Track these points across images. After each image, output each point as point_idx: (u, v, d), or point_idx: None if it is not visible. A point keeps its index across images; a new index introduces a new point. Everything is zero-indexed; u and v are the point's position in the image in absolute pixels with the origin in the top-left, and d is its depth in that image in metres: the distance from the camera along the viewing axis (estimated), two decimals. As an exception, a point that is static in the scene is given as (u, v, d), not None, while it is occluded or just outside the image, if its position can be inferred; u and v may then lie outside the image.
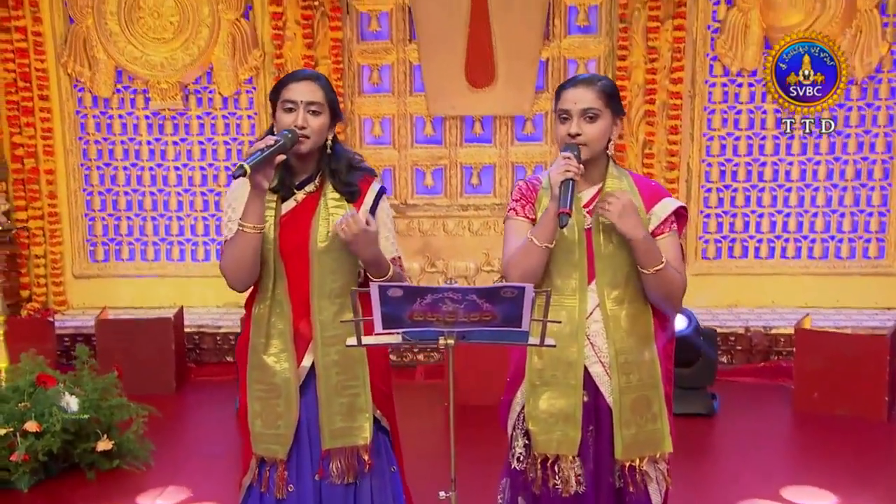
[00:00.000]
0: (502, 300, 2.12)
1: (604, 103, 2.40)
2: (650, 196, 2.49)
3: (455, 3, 6.06)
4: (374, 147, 6.43)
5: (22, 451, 3.85)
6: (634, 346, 2.46)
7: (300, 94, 2.45)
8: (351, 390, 2.59)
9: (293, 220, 2.54)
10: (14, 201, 6.27)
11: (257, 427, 2.60)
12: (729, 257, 6.33)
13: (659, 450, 2.47)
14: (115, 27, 6.21)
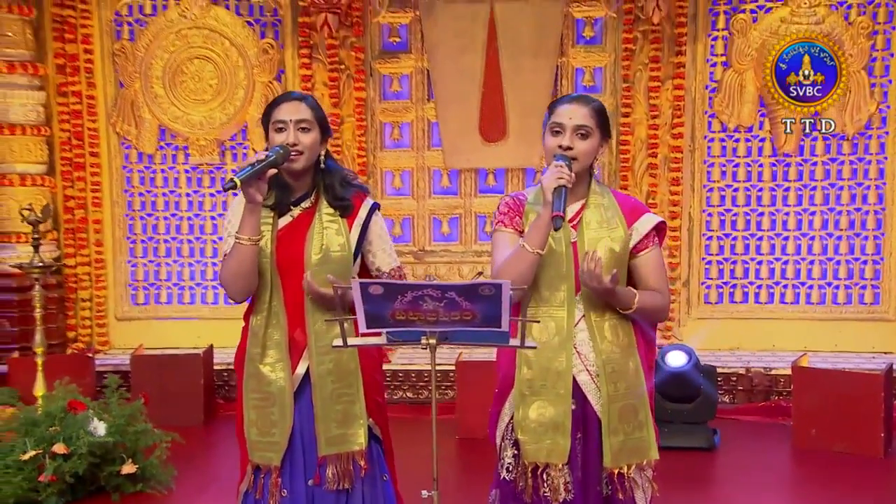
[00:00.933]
0: (481, 298, 2.07)
1: (595, 123, 2.38)
2: (630, 212, 2.46)
3: (469, 66, 6.13)
4: (395, 198, 6.44)
5: (49, 472, 3.83)
6: (619, 356, 2.41)
7: (289, 114, 2.45)
8: (346, 398, 2.54)
9: (289, 235, 2.51)
10: (64, 248, 6.37)
11: (253, 435, 2.56)
12: (730, 302, 6.21)
13: (646, 457, 2.43)
14: (159, 90, 6.35)
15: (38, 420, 4.01)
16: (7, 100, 6.00)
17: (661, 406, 4.88)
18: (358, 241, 2.59)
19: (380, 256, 2.65)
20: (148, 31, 6.32)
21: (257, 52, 6.29)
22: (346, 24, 6.11)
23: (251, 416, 2.57)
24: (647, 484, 2.48)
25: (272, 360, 2.53)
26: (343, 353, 2.51)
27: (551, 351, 2.38)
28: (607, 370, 2.39)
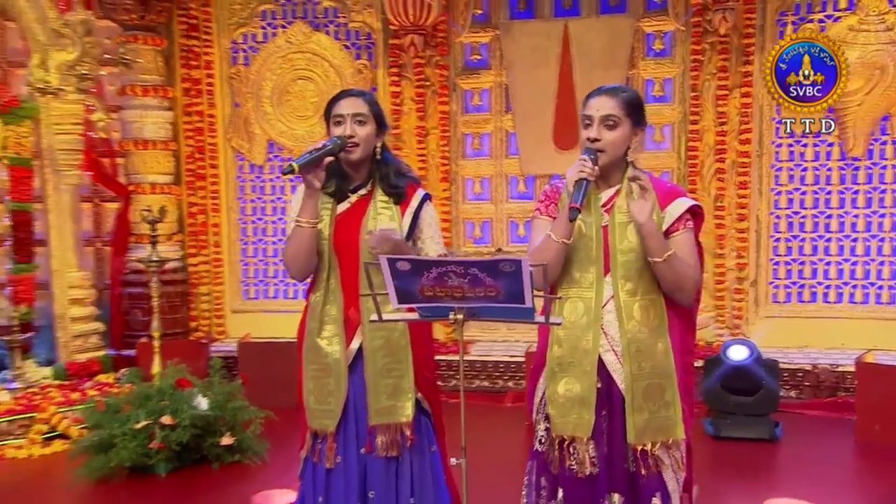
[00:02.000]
0: (502, 274, 2.02)
1: (624, 112, 2.29)
2: (665, 195, 2.36)
3: (544, 80, 6.12)
4: (475, 202, 6.47)
5: (158, 440, 4.04)
6: (647, 336, 2.32)
7: (347, 108, 2.48)
8: (395, 373, 2.53)
9: (346, 220, 2.52)
10: (187, 249, 6.72)
11: (311, 403, 2.57)
12: (798, 301, 5.94)
13: (671, 436, 2.32)
14: (268, 108, 6.59)
15: (151, 395, 4.23)
16: (142, 119, 6.34)
17: (724, 398, 4.79)
18: (410, 227, 2.56)
19: (427, 243, 2.61)
20: (259, 56, 6.58)
21: (353, 72, 6.44)
22: (431, 45, 6.21)
23: (309, 386, 2.58)
24: (676, 465, 2.36)
25: (329, 335, 2.53)
26: (394, 331, 2.49)
27: (580, 330, 2.33)
28: (631, 349, 2.30)
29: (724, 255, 5.96)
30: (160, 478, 4.16)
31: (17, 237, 5.36)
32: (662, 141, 6.15)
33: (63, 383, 5.24)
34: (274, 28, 6.56)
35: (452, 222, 6.43)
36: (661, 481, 2.33)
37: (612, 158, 2.29)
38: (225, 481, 4.19)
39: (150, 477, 4.16)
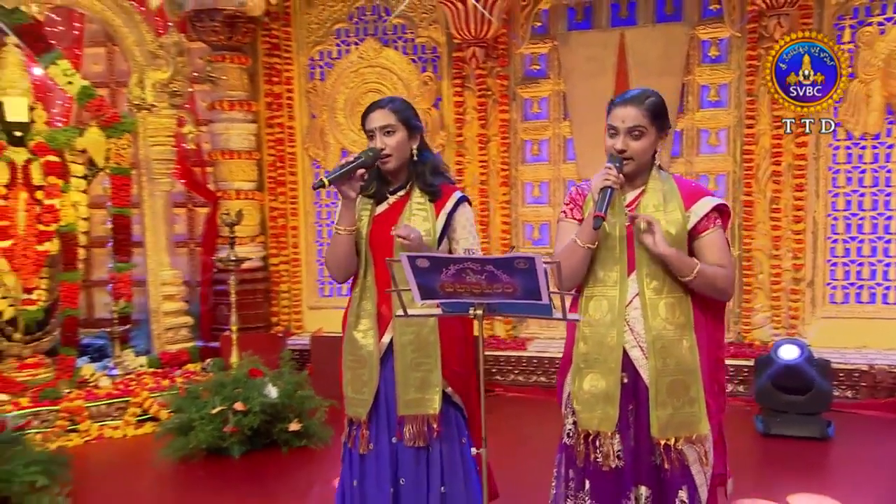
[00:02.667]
0: (517, 272, 1.99)
1: (649, 121, 2.25)
2: (689, 195, 2.31)
3: (601, 88, 6.01)
4: (534, 206, 6.45)
5: (231, 424, 4.22)
6: (672, 333, 2.26)
7: (375, 122, 2.47)
8: (424, 367, 2.52)
9: (384, 220, 2.53)
10: (269, 249, 6.98)
11: (349, 392, 2.61)
12: (856, 302, 5.68)
13: (695, 431, 2.26)
14: (342, 119, 6.76)
15: (226, 383, 4.42)
16: (228, 131, 6.58)
17: (775, 396, 4.68)
18: (443, 228, 2.53)
19: (462, 244, 2.58)
20: (333, 71, 6.76)
21: (419, 84, 6.54)
22: (492, 57, 6.26)
23: (347, 376, 2.61)
24: (702, 459, 2.30)
25: (364, 328, 2.56)
26: (423, 327, 2.49)
27: (604, 327, 2.29)
28: (656, 346, 2.25)
29: (780, 256, 5.78)
30: (234, 459, 4.32)
31: (117, 239, 5.69)
32: (718, 145, 6.01)
33: (156, 371, 5.52)
34: (347, 45, 6.73)
35: (512, 225, 6.44)
36: (688, 475, 2.28)
37: (639, 165, 2.28)
38: (293, 464, 4.34)
39: (225, 458, 4.33)
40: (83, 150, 5.46)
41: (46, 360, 5.23)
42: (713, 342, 2.36)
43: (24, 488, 3.46)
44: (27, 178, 5.18)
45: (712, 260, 2.26)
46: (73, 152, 5.41)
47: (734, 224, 5.92)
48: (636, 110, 2.24)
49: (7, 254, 5.08)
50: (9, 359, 5.14)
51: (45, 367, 5.17)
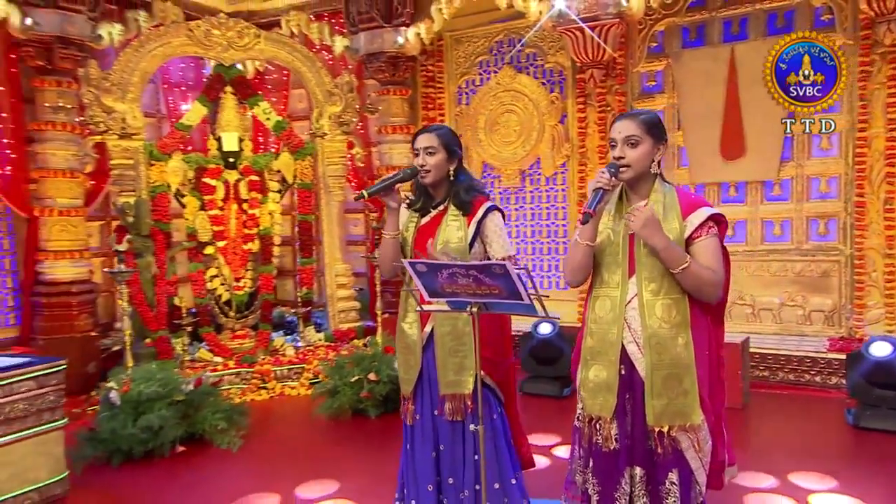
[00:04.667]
0: (497, 276, 2.04)
1: (644, 132, 2.24)
2: (688, 206, 2.27)
3: (712, 99, 5.96)
4: None
5: (365, 390, 4.64)
6: (668, 332, 2.22)
7: (421, 143, 2.60)
8: (461, 353, 2.59)
9: (426, 229, 2.65)
10: (425, 247, 7.51)
11: (401, 373, 2.74)
12: (976, 300, 5.18)
13: (688, 420, 2.22)
14: (483, 136, 7.14)
15: (366, 357, 4.83)
16: (391, 150, 7.16)
17: (868, 391, 4.43)
18: (473, 234, 2.59)
19: (494, 247, 2.62)
20: (476, 97, 7.15)
21: (546, 104, 6.75)
22: (611, 76, 6.34)
23: (399, 360, 2.75)
24: (696, 445, 2.25)
25: (410, 321, 2.66)
26: (459, 320, 2.53)
27: (606, 324, 2.29)
28: (652, 342, 2.22)
29: (894, 255, 5.36)
30: (371, 419, 4.67)
31: (302, 239, 6.50)
32: (830, 148, 5.67)
33: (330, 344, 6.19)
34: (488, 74, 7.10)
35: None
36: (680, 459, 2.25)
37: (638, 173, 2.25)
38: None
39: (365, 418, 4.69)
40: (278, 170, 6.31)
41: (251, 333, 6.13)
42: (712, 340, 2.32)
43: (212, 429, 4.21)
44: (237, 194, 6.11)
45: (704, 262, 2.22)
46: (270, 172, 6.28)
47: (846, 224, 5.60)
48: (631, 123, 2.26)
49: (223, 251, 6.04)
50: (225, 331, 6.10)
51: (249, 338, 6.06)
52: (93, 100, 5.65)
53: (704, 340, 2.28)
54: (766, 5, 5.77)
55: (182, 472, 3.96)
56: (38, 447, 3.39)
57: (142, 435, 3.93)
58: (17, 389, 3.31)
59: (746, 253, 6.00)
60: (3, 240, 6.29)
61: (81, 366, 5.76)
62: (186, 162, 5.97)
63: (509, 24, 6.80)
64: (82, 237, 6.19)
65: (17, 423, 3.32)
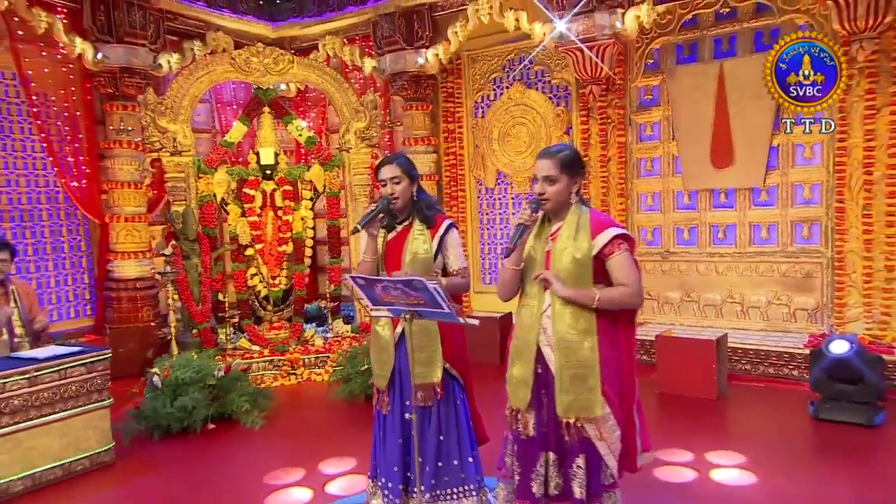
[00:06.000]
0: (418, 290, 2.18)
1: (560, 171, 2.36)
2: (596, 227, 2.39)
3: (702, 111, 6.01)
4: (647, 213, 6.48)
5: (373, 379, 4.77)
6: (575, 336, 2.35)
7: (386, 174, 2.74)
8: (428, 349, 2.73)
9: (393, 244, 2.80)
10: (446, 247, 7.77)
11: (375, 369, 2.88)
12: (952, 302, 5.11)
13: (591, 413, 2.36)
14: (496, 147, 7.31)
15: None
16: (414, 160, 7.28)
17: (828, 385, 4.48)
18: (437, 248, 2.75)
19: (451, 259, 2.77)
20: (490, 110, 7.33)
21: (553, 117, 6.88)
22: (611, 90, 6.44)
23: (373, 358, 2.89)
24: (599, 434, 2.37)
25: (382, 323, 2.78)
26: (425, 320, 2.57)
27: (526, 329, 2.44)
28: (561, 346, 2.36)
29: (873, 257, 5.33)
30: None
31: (331, 241, 6.84)
32: (813, 157, 5.66)
33: (356, 335, 6.48)
34: (500, 89, 7.27)
35: (629, 228, 6.42)
36: (587, 446, 2.38)
37: (557, 204, 2.40)
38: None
39: None
40: (309, 181, 6.67)
41: (285, 325, 6.52)
42: (623, 344, 2.43)
43: (239, 410, 4.58)
44: (272, 202, 6.50)
45: (618, 277, 2.35)
46: (302, 182, 6.64)
47: (827, 228, 5.59)
48: (549, 162, 2.38)
49: (261, 253, 6.44)
50: (263, 323, 6.52)
51: (284, 329, 6.44)
52: (149, 122, 6.12)
53: (613, 344, 2.40)
54: (752, 24, 5.78)
55: (212, 447, 4.32)
56: (88, 422, 3.84)
57: (178, 413, 4.33)
58: (71, 374, 3.77)
59: (736, 255, 6.05)
60: (81, 242, 6.88)
61: (142, 352, 6.29)
62: (230, 174, 6.39)
63: (519, 45, 6.95)
64: (145, 240, 6.71)
65: (71, 402, 3.78)
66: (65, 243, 6.75)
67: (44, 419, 3.67)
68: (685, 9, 5.98)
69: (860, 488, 3.49)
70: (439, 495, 2.81)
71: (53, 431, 3.71)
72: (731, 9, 5.84)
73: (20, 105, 6.36)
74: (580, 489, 2.39)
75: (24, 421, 3.61)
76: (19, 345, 4.09)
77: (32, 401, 3.64)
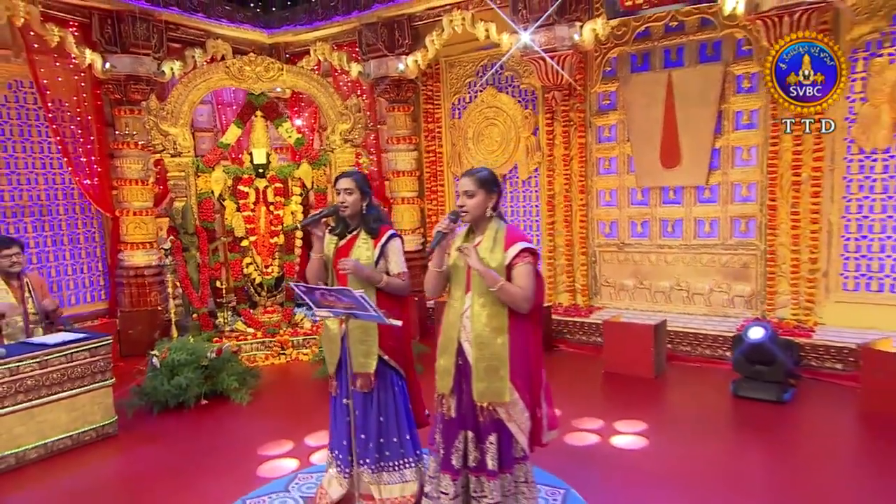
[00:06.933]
0: (347, 296, 2.42)
1: (477, 187, 2.56)
2: (510, 241, 2.56)
3: (653, 116, 6.19)
4: (605, 208, 6.67)
5: None
6: (489, 333, 2.54)
7: (341, 185, 2.95)
8: (366, 343, 2.93)
9: (343, 249, 2.98)
10: (428, 238, 8.04)
11: (327, 357, 3.09)
12: (866, 290, 5.35)
13: (501, 399, 2.56)
14: (471, 146, 7.50)
15: None
16: (397, 157, 7.65)
17: (746, 367, 4.76)
18: (378, 255, 2.95)
19: (391, 265, 2.95)
20: (466, 112, 7.51)
21: (522, 118, 7.05)
22: (573, 95, 6.63)
23: (325, 348, 3.11)
24: (509, 415, 2.55)
25: (332, 318, 2.90)
26: None
27: (450, 326, 2.64)
28: (477, 341, 2.56)
29: (799, 251, 5.58)
30: None
31: (319, 234, 7.11)
32: (749, 159, 5.88)
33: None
34: (475, 93, 7.44)
35: (588, 222, 6.77)
36: (499, 426, 2.60)
37: (475, 216, 2.60)
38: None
39: None
40: (299, 178, 6.93)
41: (278, 309, 6.83)
42: (531, 341, 2.61)
43: (229, 388, 4.89)
44: (265, 198, 6.77)
45: (518, 282, 2.54)
46: (292, 179, 6.90)
47: (761, 223, 5.83)
48: (469, 180, 2.59)
49: (255, 244, 6.74)
50: (258, 307, 6.84)
51: (276, 313, 6.75)
52: (152, 126, 6.38)
53: (522, 341, 2.58)
54: (698, 37, 5.96)
55: (204, 421, 4.63)
56: (93, 398, 4.18)
57: (174, 391, 4.66)
58: (77, 357, 4.10)
59: (682, 246, 6.29)
60: (95, 234, 7.20)
61: (150, 332, 6.65)
62: (226, 173, 6.66)
63: (491, 52, 7.12)
64: (152, 232, 7.02)
65: (77, 381, 4.12)
66: (80, 235, 7.07)
67: (54, 396, 4.02)
68: (638, 21, 6.16)
69: (742, 455, 3.78)
70: (383, 466, 3.07)
71: (63, 407, 4.06)
72: (678, 22, 6.02)
73: (37, 111, 6.65)
74: (493, 461, 2.63)
75: (37, 398, 3.95)
76: (33, 330, 4.42)
77: (43, 381, 3.98)
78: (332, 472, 3.20)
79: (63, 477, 3.80)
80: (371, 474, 3.06)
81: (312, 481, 3.55)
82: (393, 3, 7.12)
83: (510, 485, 2.69)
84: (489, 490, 2.65)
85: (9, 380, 3.84)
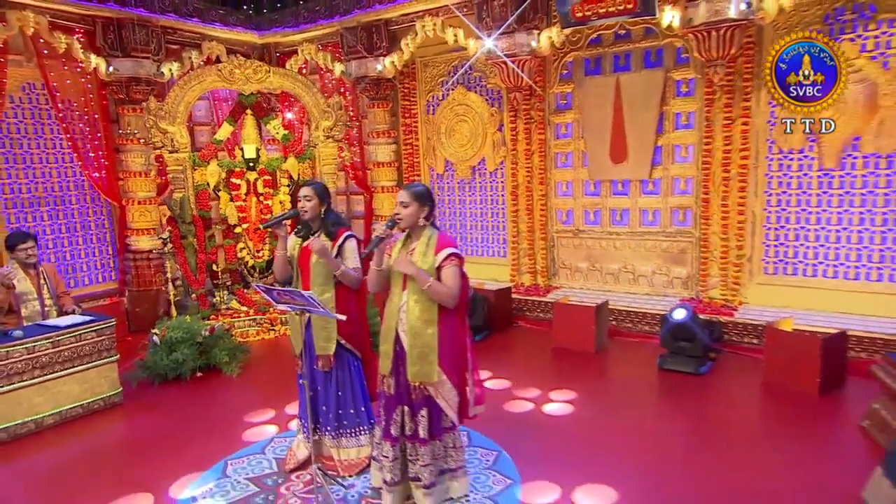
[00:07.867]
0: (301, 297, 2.63)
1: (412, 199, 2.73)
2: (440, 246, 2.74)
3: (604, 116, 6.40)
4: (563, 198, 6.89)
5: None
6: (421, 325, 2.74)
7: (302, 193, 3.13)
8: (327, 329, 3.14)
9: (306, 249, 3.16)
10: (406, 222, 8.32)
11: (293, 341, 3.29)
12: (784, 274, 5.67)
13: (430, 379, 2.78)
14: (444, 139, 7.71)
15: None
16: (377, 150, 7.83)
17: (672, 343, 5.05)
18: (336, 253, 3.12)
19: (347, 261, 3.12)
20: (439, 108, 7.70)
21: (488, 116, 7.27)
22: (533, 95, 6.84)
23: (292, 334, 3.31)
24: (438, 393, 2.75)
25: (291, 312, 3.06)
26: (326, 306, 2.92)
27: (390, 318, 2.82)
28: (411, 332, 2.75)
29: (728, 239, 5.89)
30: None
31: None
32: (687, 156, 6.15)
33: None
34: (447, 92, 7.63)
35: (547, 211, 7.00)
36: (430, 402, 2.81)
37: (409, 224, 2.78)
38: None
39: None
40: (286, 171, 7.20)
41: (270, 288, 7.17)
42: (459, 331, 2.81)
43: (221, 362, 5.22)
44: (255, 189, 7.04)
45: (445, 281, 2.73)
46: (280, 172, 7.17)
47: (696, 214, 6.13)
48: (405, 192, 2.78)
49: (247, 231, 7.04)
50: (251, 287, 7.17)
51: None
52: (152, 124, 6.62)
53: (450, 331, 2.79)
54: (643, 44, 6.16)
55: (199, 391, 4.94)
56: (101, 372, 4.54)
57: (172, 365, 5.00)
58: (85, 337, 4.45)
59: (629, 233, 6.58)
60: (105, 221, 7.50)
61: (155, 310, 7.00)
62: (220, 166, 6.92)
63: (461, 54, 7.28)
64: (156, 219, 7.31)
65: (86, 358, 4.47)
66: (91, 222, 7.37)
67: (66, 371, 4.37)
68: (591, 29, 6.35)
69: (658, 421, 4.10)
70: (342, 433, 3.36)
71: (74, 380, 4.41)
72: (626, 30, 6.21)
73: (49, 111, 6.88)
74: (424, 431, 2.90)
75: (51, 373, 4.30)
76: (48, 313, 4.76)
77: (57, 358, 4.33)
78: (300, 437, 3.53)
79: (76, 440, 4.14)
80: (332, 440, 3.35)
81: (285, 444, 3.89)
82: (371, 9, 7.28)
83: (440, 450, 2.97)
84: (421, 454, 2.93)
85: (26, 357, 4.19)
